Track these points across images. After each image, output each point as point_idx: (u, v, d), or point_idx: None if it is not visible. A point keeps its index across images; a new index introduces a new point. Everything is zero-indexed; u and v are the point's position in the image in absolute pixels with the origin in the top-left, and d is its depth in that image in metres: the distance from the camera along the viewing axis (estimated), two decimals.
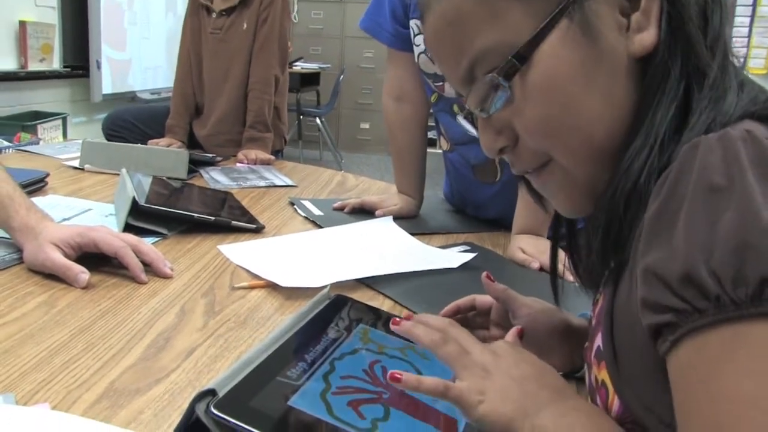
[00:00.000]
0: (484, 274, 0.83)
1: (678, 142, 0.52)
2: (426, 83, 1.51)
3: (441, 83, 1.45)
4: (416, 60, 1.48)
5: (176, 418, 0.66)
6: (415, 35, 1.46)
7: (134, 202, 1.22)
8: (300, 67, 6.85)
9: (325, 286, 0.88)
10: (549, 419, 0.55)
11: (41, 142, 3.34)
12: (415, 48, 1.47)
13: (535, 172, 0.63)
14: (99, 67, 4.36)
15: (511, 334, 0.70)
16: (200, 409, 0.57)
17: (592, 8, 0.55)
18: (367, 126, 7.67)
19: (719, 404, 0.42)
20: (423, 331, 0.64)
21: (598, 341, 0.60)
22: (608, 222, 0.56)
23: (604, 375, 0.58)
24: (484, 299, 0.88)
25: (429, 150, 1.62)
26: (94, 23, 4.27)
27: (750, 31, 5.97)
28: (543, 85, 0.56)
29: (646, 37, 0.55)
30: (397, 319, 0.67)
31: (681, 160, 0.47)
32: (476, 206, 1.59)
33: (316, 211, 1.50)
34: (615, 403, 0.57)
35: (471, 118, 0.67)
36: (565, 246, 0.74)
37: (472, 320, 0.89)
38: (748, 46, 5.99)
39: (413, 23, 1.45)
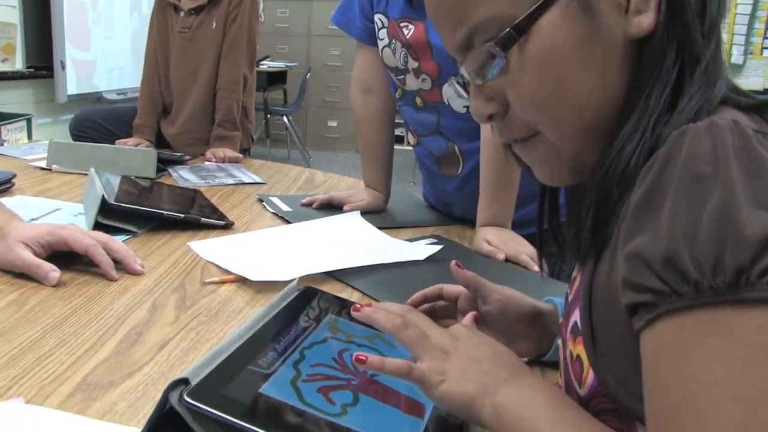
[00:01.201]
0: (453, 262, 0.85)
1: (666, 124, 0.53)
2: (390, 77, 1.53)
3: (402, 76, 1.47)
4: (380, 54, 1.50)
5: (150, 409, 0.67)
6: (378, 29, 1.48)
7: (103, 201, 1.23)
8: (267, 65, 6.82)
9: (294, 279, 0.90)
10: (507, 396, 0.57)
11: (6, 144, 3.30)
12: (378, 42, 1.49)
13: (522, 141, 0.64)
14: (63, 67, 4.31)
15: (468, 319, 0.72)
16: (174, 398, 0.58)
17: None
18: (334, 124, 7.68)
19: (687, 384, 0.43)
20: (383, 316, 0.66)
21: (575, 317, 0.61)
22: (600, 202, 0.57)
23: (579, 350, 0.60)
24: (451, 288, 0.90)
25: (397, 147, 1.64)
26: (57, 23, 4.23)
27: None
28: (540, 58, 0.57)
29: (644, 20, 0.55)
30: (358, 305, 0.69)
31: (669, 146, 0.48)
32: (445, 203, 1.62)
33: (285, 207, 1.52)
34: (589, 376, 0.58)
35: (464, 84, 0.67)
36: (536, 237, 0.77)
37: (440, 309, 0.91)
38: None
39: (377, 18, 1.48)
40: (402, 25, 1.42)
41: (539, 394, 0.58)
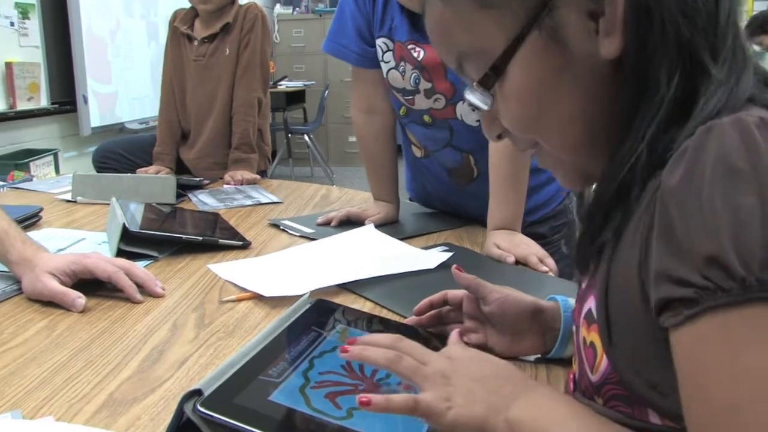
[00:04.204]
0: (454, 266, 0.89)
1: (682, 128, 0.52)
2: (394, 97, 1.57)
3: (411, 97, 1.51)
4: (385, 76, 1.54)
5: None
6: (383, 53, 1.52)
7: (124, 229, 1.28)
8: (285, 86, 6.91)
9: (306, 293, 0.94)
10: (521, 411, 0.57)
11: (34, 179, 3.39)
12: (383, 65, 1.53)
13: (536, 151, 0.67)
14: (86, 101, 4.42)
15: (453, 337, 0.75)
16: (188, 408, 0.63)
17: (561, 17, 0.57)
18: (355, 139, 7.70)
19: (739, 383, 0.43)
20: (375, 353, 0.65)
21: (590, 304, 0.62)
22: (597, 205, 0.59)
23: (593, 337, 0.61)
24: (455, 293, 0.93)
25: None
26: (78, 59, 4.34)
27: None
28: (518, 91, 0.61)
29: (611, 43, 0.56)
30: (345, 346, 0.68)
31: (696, 140, 0.48)
32: (454, 205, 1.67)
33: (304, 229, 1.54)
34: (603, 363, 0.59)
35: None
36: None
37: (446, 315, 0.95)
38: None
39: (380, 42, 1.51)
40: (410, 47, 1.46)
41: (560, 405, 0.58)
